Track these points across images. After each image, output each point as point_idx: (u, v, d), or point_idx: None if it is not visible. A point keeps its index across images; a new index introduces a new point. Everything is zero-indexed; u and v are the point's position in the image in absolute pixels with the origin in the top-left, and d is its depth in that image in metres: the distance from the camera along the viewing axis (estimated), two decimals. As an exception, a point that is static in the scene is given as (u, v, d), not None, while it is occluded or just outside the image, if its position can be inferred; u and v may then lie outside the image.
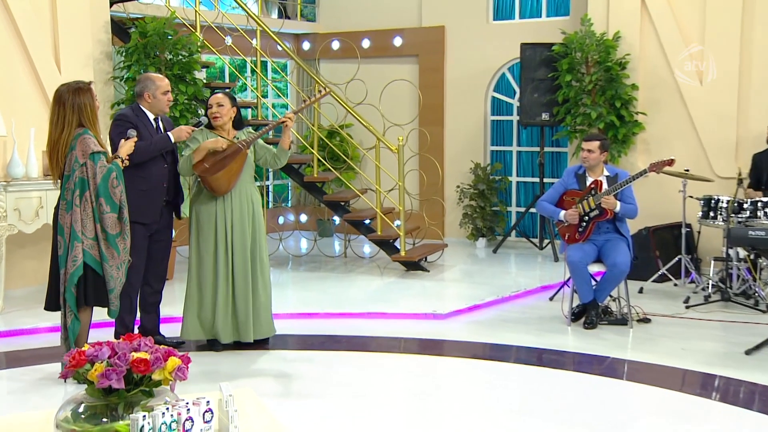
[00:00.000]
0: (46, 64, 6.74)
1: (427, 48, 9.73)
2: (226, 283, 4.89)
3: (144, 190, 4.77)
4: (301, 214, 10.47)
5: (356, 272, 7.80)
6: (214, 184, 4.83)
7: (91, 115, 4.13)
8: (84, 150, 4.06)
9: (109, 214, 4.11)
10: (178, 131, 4.84)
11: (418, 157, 9.21)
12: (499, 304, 6.46)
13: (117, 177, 4.13)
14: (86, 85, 4.17)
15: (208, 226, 4.89)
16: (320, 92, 5.32)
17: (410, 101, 9.78)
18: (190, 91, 7.22)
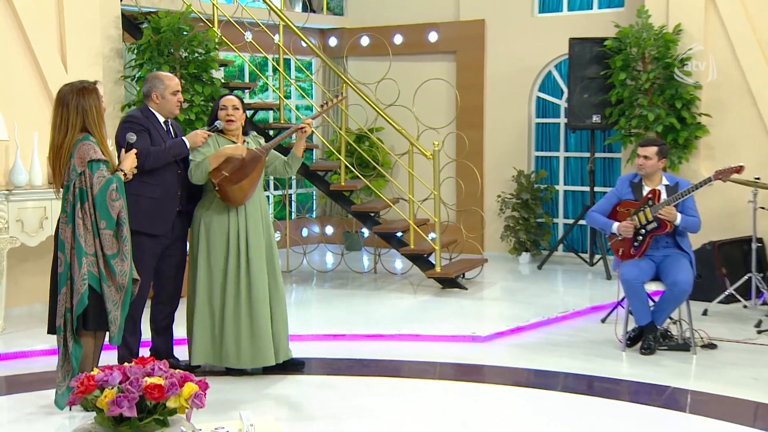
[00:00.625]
0: (51, 62, 6.85)
1: (465, 44, 9.73)
2: (238, 301, 4.91)
3: (155, 199, 4.80)
4: (327, 226, 10.51)
5: (387, 290, 7.80)
6: (232, 194, 4.86)
7: (96, 119, 4.16)
8: (82, 157, 4.09)
9: (105, 230, 4.11)
10: (193, 136, 4.89)
11: (455, 163, 9.20)
12: (544, 326, 6.42)
13: (118, 189, 4.13)
14: (91, 85, 4.20)
15: (220, 239, 4.92)
16: (337, 96, 5.37)
17: (446, 102, 9.79)
18: (207, 92, 7.30)
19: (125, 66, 7.60)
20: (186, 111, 7.18)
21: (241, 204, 4.91)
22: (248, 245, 4.92)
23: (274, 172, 5.20)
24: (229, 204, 4.90)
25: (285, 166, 5.17)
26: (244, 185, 4.85)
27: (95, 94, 4.18)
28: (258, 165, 4.94)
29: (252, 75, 9.67)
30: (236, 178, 4.85)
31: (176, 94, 4.91)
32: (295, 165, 5.16)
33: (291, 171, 5.18)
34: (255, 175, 4.92)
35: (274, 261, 5.03)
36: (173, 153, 4.81)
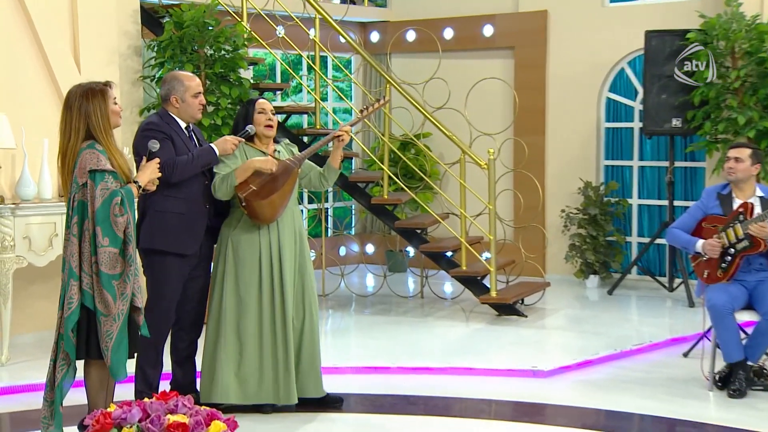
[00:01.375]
0: (63, 62, 6.97)
1: (525, 38, 9.71)
2: (273, 332, 4.93)
3: (181, 214, 4.84)
4: (368, 244, 10.52)
5: (435, 316, 7.78)
6: (261, 211, 4.88)
7: (101, 124, 4.18)
8: (83, 167, 4.14)
9: (106, 248, 4.12)
10: (222, 143, 4.93)
11: (513, 174, 9.16)
12: (616, 361, 6.36)
13: (122, 203, 4.13)
14: (99, 86, 4.22)
15: (250, 262, 4.94)
16: (379, 100, 5.37)
17: (503, 105, 9.76)
18: (235, 94, 7.37)
19: (144, 65, 7.71)
20: (211, 115, 7.25)
21: (272, 221, 4.94)
22: (281, 267, 4.94)
23: (309, 185, 5.23)
24: (258, 221, 4.93)
25: (320, 178, 5.19)
26: (274, 200, 4.88)
27: (102, 96, 4.20)
28: (290, 177, 4.97)
29: (284, 75, 9.75)
30: (265, 193, 4.87)
31: (198, 96, 4.96)
32: (332, 177, 5.19)
33: (327, 183, 5.21)
34: (287, 189, 4.95)
35: (310, 284, 5.06)
36: (201, 162, 4.85)
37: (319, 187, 5.23)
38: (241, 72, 7.61)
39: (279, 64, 9.43)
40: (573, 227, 9.24)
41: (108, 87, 4.25)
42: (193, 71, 7.03)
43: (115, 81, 4.77)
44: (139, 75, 7.64)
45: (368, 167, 9.74)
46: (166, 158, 4.70)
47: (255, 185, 4.88)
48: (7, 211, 6.22)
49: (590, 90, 9.44)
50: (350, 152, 8.75)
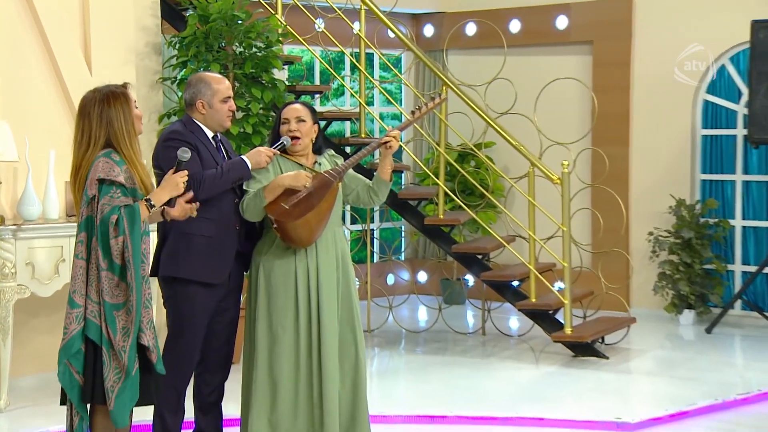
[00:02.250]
0: (73, 61, 7.09)
1: (605, 31, 9.68)
2: (310, 373, 4.95)
3: (209, 237, 4.88)
4: (420, 272, 10.52)
5: (499, 357, 7.77)
6: (295, 233, 4.89)
7: (125, 131, 4.25)
8: (93, 176, 4.19)
9: (106, 272, 4.17)
10: (255, 155, 4.96)
11: (591, 190, 9.11)
12: (717, 413, 6.29)
13: (118, 223, 4.15)
14: (120, 88, 4.31)
15: (284, 292, 4.96)
16: (433, 99, 5.37)
17: (580, 109, 9.72)
18: (268, 98, 7.45)
19: (164, 65, 7.83)
20: (240, 122, 7.33)
21: (309, 244, 4.95)
22: (320, 297, 4.96)
23: (357, 201, 5.24)
24: (292, 245, 4.95)
25: (369, 193, 5.19)
26: (310, 220, 4.89)
27: (124, 99, 4.27)
28: (329, 193, 4.98)
29: (324, 75, 9.82)
30: (299, 212, 4.88)
31: (227, 101, 5.01)
32: (383, 191, 5.19)
33: (378, 198, 5.21)
34: (325, 206, 4.96)
35: (354, 317, 5.08)
36: (232, 177, 4.89)
37: (369, 203, 5.23)
38: (274, 72, 7.69)
39: (318, 63, 9.50)
40: (663, 253, 9.16)
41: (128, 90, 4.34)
42: (221, 72, 7.13)
43: (132, 83, 4.82)
44: (158, 76, 7.76)
45: (420, 182, 9.74)
46: (192, 172, 4.76)
47: (287, 204, 4.90)
48: (7, 233, 6.27)
49: (684, 91, 9.37)
50: (400, 164, 8.78)
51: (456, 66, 9.92)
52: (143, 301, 4.22)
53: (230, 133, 7.06)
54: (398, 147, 5.22)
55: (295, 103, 5.19)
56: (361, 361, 5.08)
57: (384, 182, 5.17)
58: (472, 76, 9.01)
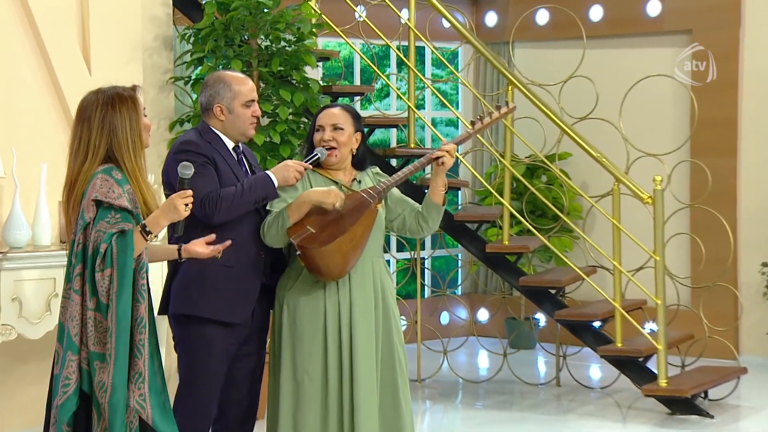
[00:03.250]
0: (68, 59, 7.11)
1: (707, 18, 9.62)
2: (341, 429, 4.93)
3: (229, 268, 4.87)
4: (480, 309, 10.49)
5: (578, 413, 7.74)
6: (323, 262, 4.86)
7: (131, 141, 4.25)
8: (90, 196, 4.18)
9: (92, 312, 4.16)
10: (283, 170, 4.95)
11: (690, 211, 9.04)
12: None
13: (106, 255, 4.13)
14: (127, 91, 4.32)
15: (311, 333, 4.95)
16: (499, 108, 5.31)
17: (675, 113, 9.66)
18: (299, 101, 7.44)
19: (176, 62, 7.88)
20: (266, 130, 7.35)
21: (340, 276, 4.93)
22: (354, 341, 4.94)
23: (403, 228, 5.21)
24: (321, 277, 4.93)
25: (418, 219, 5.16)
26: (342, 246, 4.85)
27: (132, 104, 4.28)
28: (365, 215, 4.93)
29: (366, 73, 9.83)
30: (328, 236, 4.84)
31: (250, 105, 5.01)
32: (434, 217, 5.15)
33: (428, 226, 5.17)
34: (360, 231, 4.92)
35: (397, 365, 5.06)
36: (255, 196, 4.88)
37: (418, 231, 5.19)
38: (307, 71, 7.71)
39: (359, 59, 9.52)
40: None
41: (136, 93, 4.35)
42: (243, 70, 7.14)
43: (138, 83, 4.80)
44: (169, 76, 7.80)
45: (481, 201, 9.71)
46: (208, 190, 4.75)
47: (314, 226, 4.87)
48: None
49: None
50: (456, 181, 8.76)
51: (524, 61, 9.89)
52: (133, 349, 4.17)
53: (254, 143, 7.07)
54: (454, 162, 5.17)
55: (332, 107, 5.16)
56: (405, 419, 5.05)
57: (436, 206, 5.12)
58: (544, 74, 8.98)
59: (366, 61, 8.55)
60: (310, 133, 5.15)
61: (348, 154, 5.11)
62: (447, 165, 5.05)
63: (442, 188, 5.10)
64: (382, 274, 5.11)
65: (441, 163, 5.04)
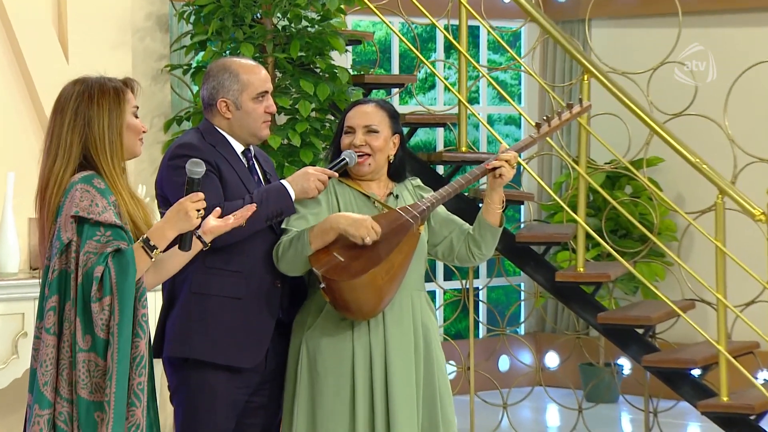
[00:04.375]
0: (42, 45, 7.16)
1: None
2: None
3: (237, 300, 4.89)
4: (549, 353, 10.48)
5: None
6: (353, 298, 4.84)
7: (105, 140, 4.26)
8: (68, 212, 4.20)
9: (84, 353, 4.16)
10: (302, 178, 4.94)
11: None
12: None
13: (103, 280, 4.13)
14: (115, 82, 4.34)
15: (336, 384, 4.94)
16: (571, 106, 5.30)
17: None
18: (323, 94, 7.45)
19: (172, 47, 7.93)
20: (283, 130, 7.37)
21: (373, 315, 4.93)
22: (390, 394, 4.94)
23: (449, 255, 5.20)
24: (349, 316, 4.93)
25: (468, 244, 5.14)
26: (377, 278, 4.82)
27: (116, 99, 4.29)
28: (405, 240, 4.91)
29: (407, 60, 9.83)
30: (360, 267, 4.82)
31: (263, 99, 5.03)
32: (488, 241, 5.12)
33: (481, 253, 5.15)
34: (399, 259, 4.90)
35: (442, 422, 5.06)
36: (268, 212, 4.88)
37: (468, 258, 5.17)
38: (334, 57, 7.74)
39: (397, 43, 9.53)
40: None
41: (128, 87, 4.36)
42: (255, 57, 7.17)
43: (127, 73, 4.81)
44: (164, 63, 7.85)
45: (550, 218, 9.68)
46: (211, 204, 4.74)
47: (342, 254, 4.85)
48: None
49: None
50: (518, 193, 8.74)
51: (603, 44, 9.88)
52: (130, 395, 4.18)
53: (269, 146, 7.08)
54: (514, 174, 5.13)
55: (365, 104, 5.16)
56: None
57: (491, 228, 5.10)
58: (628, 60, 8.98)
59: (406, 45, 8.51)
60: (336, 135, 5.15)
61: (384, 162, 5.10)
62: (506, 178, 5.02)
63: (499, 205, 5.08)
64: (424, 310, 5.11)
65: (498, 175, 5.01)
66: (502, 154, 5.04)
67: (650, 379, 8.44)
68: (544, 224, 9.56)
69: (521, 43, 10.46)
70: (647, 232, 8.22)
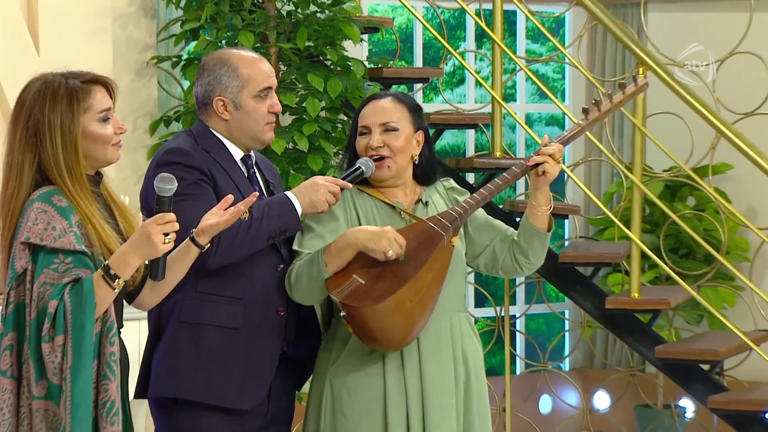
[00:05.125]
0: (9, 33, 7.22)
1: None
2: None
3: (234, 331, 4.90)
4: (597, 392, 10.50)
5: None
6: (379, 325, 4.84)
7: (60, 153, 4.25)
8: (20, 237, 4.19)
9: (40, 401, 4.15)
10: (311, 190, 4.93)
11: None
12: None
13: (56, 318, 4.10)
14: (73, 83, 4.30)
15: (366, 426, 4.97)
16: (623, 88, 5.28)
17: None
18: (335, 90, 7.48)
19: (160, 35, 7.98)
20: (288, 132, 7.40)
21: (405, 344, 4.94)
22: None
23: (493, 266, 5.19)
24: (376, 347, 4.94)
25: (513, 252, 5.15)
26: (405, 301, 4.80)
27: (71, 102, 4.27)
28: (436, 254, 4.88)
29: (432, 50, 9.85)
30: (384, 289, 4.80)
31: (266, 96, 5.05)
32: (536, 248, 5.12)
33: (529, 262, 5.15)
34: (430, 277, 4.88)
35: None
36: (270, 230, 4.88)
37: (514, 269, 5.17)
38: (348, 47, 7.79)
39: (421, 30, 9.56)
40: None
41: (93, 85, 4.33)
42: (257, 47, 7.21)
43: (107, 66, 4.76)
44: (150, 55, 7.88)
45: (599, 234, 9.69)
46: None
47: (363, 275, 4.85)
48: None
49: None
50: (562, 205, 8.74)
51: (662, 31, 9.90)
52: None
53: (271, 150, 7.08)
54: (559, 172, 5.12)
55: (380, 98, 5.15)
56: None
57: (538, 233, 5.09)
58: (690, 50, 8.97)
59: (432, 33, 8.54)
60: (351, 137, 5.16)
61: (408, 164, 5.10)
62: (550, 175, 5.00)
63: (546, 207, 5.06)
64: (465, 334, 5.11)
65: (542, 173, 4.99)
66: (544, 147, 5.01)
67: (718, 424, 8.45)
68: (592, 242, 9.57)
69: (565, 31, 10.48)
70: (713, 251, 8.23)
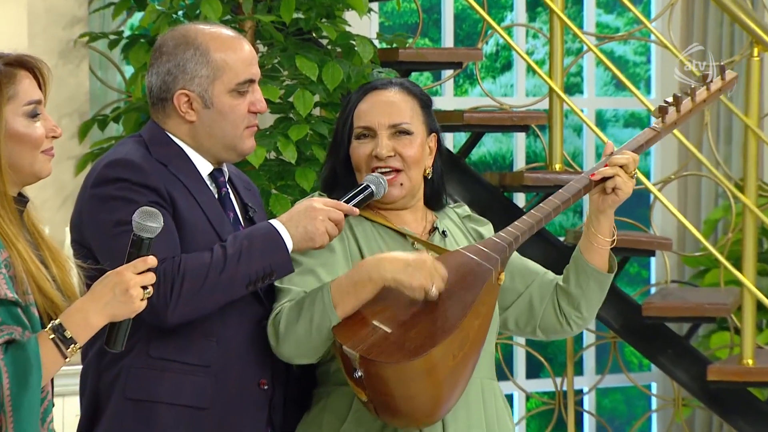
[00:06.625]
0: None
1: None
2: None
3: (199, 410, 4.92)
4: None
5: None
6: (409, 390, 4.82)
7: None
8: None
9: None
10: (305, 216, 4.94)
11: None
12: None
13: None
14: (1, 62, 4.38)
15: None
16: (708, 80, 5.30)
17: None
18: (335, 79, 7.57)
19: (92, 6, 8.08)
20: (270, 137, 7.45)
21: (432, 421, 4.98)
22: None
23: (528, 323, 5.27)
24: (395, 423, 4.99)
25: (558, 302, 5.21)
26: (447, 357, 4.84)
27: None
28: (482, 297, 4.90)
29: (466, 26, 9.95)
30: (422, 339, 4.79)
31: (246, 90, 5.07)
32: (591, 294, 5.17)
33: (581, 314, 5.20)
34: (475, 326, 4.87)
35: None
36: (250, 272, 4.90)
37: (557, 326, 5.23)
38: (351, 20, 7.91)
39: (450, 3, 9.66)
40: None
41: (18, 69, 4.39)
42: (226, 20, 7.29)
43: (20, 46, 4.79)
44: (80, 33, 7.96)
45: (697, 278, 9.76)
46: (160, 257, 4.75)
47: (386, 322, 4.84)
48: None
49: None
50: (647, 237, 8.79)
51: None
52: None
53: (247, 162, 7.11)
54: (632, 190, 5.14)
55: (384, 88, 5.16)
56: None
57: (595, 273, 5.14)
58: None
59: (467, 2, 8.61)
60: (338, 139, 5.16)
61: (421, 180, 5.14)
62: (622, 193, 5.02)
63: (609, 237, 5.10)
64: (500, 410, 5.19)
65: (611, 190, 5.02)
66: (614, 157, 5.02)
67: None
68: (688, 288, 9.63)
69: (652, 4, 10.55)
70: None
